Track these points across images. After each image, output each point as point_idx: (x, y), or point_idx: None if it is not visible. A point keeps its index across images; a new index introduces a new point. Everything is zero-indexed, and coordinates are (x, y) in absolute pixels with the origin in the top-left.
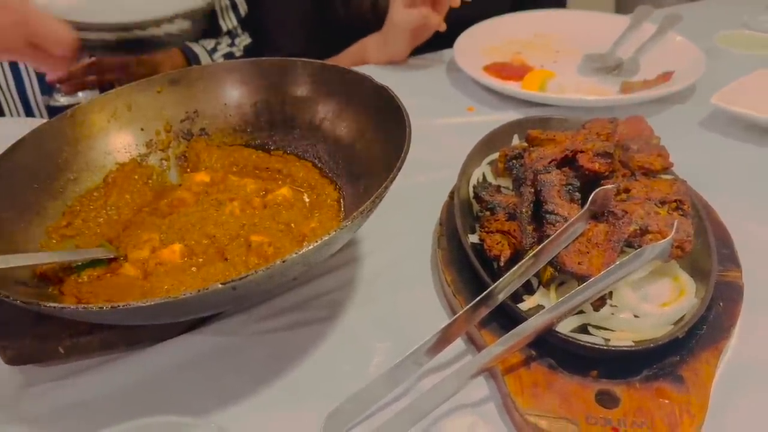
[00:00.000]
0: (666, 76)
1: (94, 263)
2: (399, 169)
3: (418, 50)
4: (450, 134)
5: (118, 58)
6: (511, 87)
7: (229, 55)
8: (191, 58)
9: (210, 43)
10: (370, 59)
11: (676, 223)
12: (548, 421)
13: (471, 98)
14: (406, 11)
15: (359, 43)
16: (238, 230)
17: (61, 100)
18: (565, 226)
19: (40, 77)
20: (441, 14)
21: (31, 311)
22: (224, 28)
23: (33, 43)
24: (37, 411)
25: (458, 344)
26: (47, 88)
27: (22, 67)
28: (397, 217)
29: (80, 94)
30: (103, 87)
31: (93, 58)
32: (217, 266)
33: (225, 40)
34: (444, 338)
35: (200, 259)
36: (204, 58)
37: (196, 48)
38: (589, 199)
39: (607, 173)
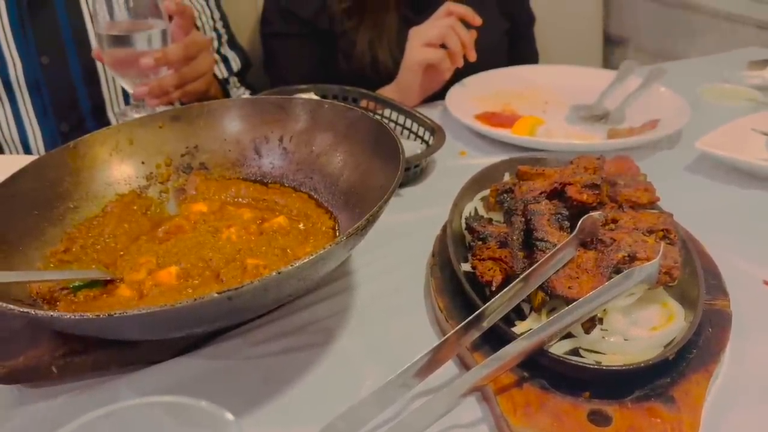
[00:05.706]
0: (652, 124)
1: (90, 285)
2: (395, 189)
3: None
4: (443, 175)
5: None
6: (502, 132)
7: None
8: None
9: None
10: None
11: (662, 248)
12: None
13: (463, 144)
14: (424, 48)
15: None
16: (234, 254)
17: (135, 115)
18: (554, 250)
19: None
20: (453, 65)
21: (25, 331)
22: (219, 76)
23: None
24: (28, 431)
25: (451, 369)
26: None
27: (24, 116)
28: (390, 250)
29: (159, 109)
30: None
31: (171, 71)
32: (212, 287)
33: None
34: (434, 360)
35: (196, 281)
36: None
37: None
38: (578, 225)
39: (594, 204)
